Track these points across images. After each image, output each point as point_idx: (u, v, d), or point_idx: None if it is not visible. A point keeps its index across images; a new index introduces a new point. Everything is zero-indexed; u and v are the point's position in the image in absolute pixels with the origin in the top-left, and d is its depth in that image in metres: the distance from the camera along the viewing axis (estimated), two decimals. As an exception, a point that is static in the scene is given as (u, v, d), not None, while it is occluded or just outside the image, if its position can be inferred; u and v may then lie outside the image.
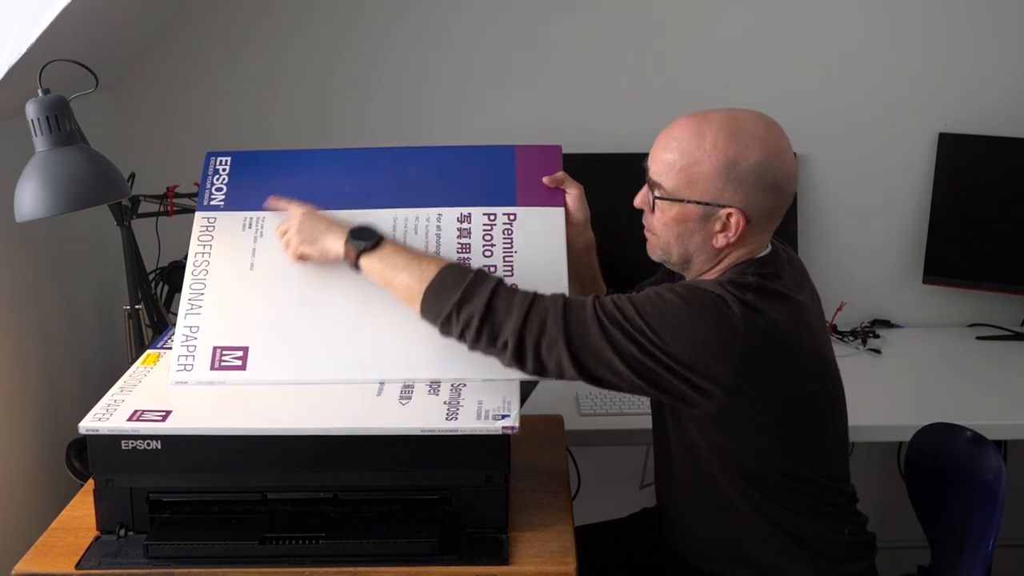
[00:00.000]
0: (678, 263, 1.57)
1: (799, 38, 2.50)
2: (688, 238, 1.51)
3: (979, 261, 2.50)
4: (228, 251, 1.63)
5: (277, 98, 2.52)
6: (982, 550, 1.57)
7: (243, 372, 1.50)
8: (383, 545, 1.41)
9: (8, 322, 1.98)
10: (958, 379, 2.29)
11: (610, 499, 2.18)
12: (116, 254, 2.16)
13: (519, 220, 1.64)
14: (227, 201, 1.69)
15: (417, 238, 1.62)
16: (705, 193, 1.47)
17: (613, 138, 2.49)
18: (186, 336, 1.54)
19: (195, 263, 1.62)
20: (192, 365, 1.52)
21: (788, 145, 1.50)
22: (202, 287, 1.59)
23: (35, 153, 1.52)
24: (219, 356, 1.52)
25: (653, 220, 1.55)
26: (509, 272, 1.58)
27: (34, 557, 1.43)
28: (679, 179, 1.48)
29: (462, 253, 1.60)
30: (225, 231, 1.65)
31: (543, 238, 1.63)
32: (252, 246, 1.63)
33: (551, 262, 1.60)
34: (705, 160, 1.46)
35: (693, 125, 1.48)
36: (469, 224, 1.63)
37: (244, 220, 1.66)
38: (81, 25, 1.86)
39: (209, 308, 1.57)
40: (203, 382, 1.51)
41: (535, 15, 2.49)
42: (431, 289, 1.46)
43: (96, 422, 1.42)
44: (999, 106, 2.51)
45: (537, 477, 1.64)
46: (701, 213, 1.48)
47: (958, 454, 1.69)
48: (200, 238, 1.65)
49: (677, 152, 1.48)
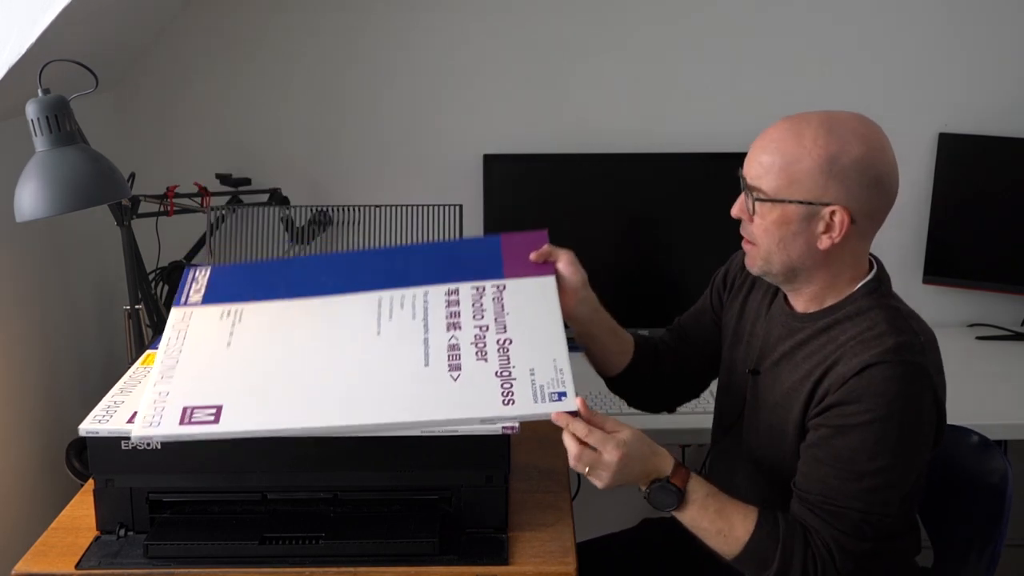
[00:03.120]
0: (781, 272, 1.50)
1: (799, 38, 2.50)
2: (790, 242, 1.45)
3: (979, 261, 2.50)
4: (205, 333, 1.56)
5: (278, 98, 2.52)
6: (987, 553, 1.56)
7: (215, 426, 1.38)
8: (383, 545, 1.41)
9: (8, 322, 1.98)
10: (958, 379, 2.27)
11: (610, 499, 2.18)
12: (116, 254, 2.16)
13: (509, 290, 1.59)
14: (204, 299, 1.63)
15: (404, 313, 1.56)
16: (807, 192, 1.42)
17: (618, 138, 2.50)
18: (155, 399, 1.42)
19: (168, 344, 1.53)
20: (160, 423, 1.39)
21: (888, 143, 1.46)
22: (174, 363, 1.50)
23: (35, 153, 1.52)
24: (190, 414, 1.40)
25: (752, 228, 1.48)
26: (503, 330, 1.51)
27: (34, 557, 1.43)
28: (779, 180, 1.43)
29: (451, 320, 1.53)
30: (201, 320, 1.59)
31: (536, 304, 1.56)
32: (230, 330, 1.56)
33: (546, 326, 1.52)
34: (805, 157, 1.41)
35: (791, 126, 1.44)
36: (457, 296, 1.58)
37: (222, 311, 1.59)
38: (81, 25, 1.86)
39: (182, 376, 1.47)
40: (171, 436, 1.38)
41: (546, 15, 2.48)
42: (743, 560, 1.44)
43: (96, 424, 1.41)
44: (999, 106, 2.50)
45: (537, 477, 1.64)
46: (804, 213, 1.43)
47: (963, 457, 1.69)
48: (175, 326, 1.57)
49: (776, 153, 1.43)
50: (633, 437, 1.40)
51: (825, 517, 1.41)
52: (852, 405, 1.39)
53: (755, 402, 1.58)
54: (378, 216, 1.86)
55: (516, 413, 1.38)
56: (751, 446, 1.59)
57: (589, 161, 2.48)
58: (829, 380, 1.43)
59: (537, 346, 1.47)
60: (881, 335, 1.42)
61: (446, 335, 1.51)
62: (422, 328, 1.53)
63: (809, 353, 1.49)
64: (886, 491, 1.40)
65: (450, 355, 1.47)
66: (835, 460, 1.40)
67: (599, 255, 2.51)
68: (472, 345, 1.49)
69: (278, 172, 2.51)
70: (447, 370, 1.45)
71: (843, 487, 1.40)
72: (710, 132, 2.45)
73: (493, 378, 1.43)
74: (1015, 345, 2.48)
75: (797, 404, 1.48)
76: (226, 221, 1.94)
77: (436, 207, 1.86)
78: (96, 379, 2.33)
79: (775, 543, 1.41)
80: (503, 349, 1.47)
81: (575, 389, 1.40)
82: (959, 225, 2.51)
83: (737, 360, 1.64)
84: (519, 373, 1.43)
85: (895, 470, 1.40)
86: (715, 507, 1.44)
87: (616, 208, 2.49)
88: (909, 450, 1.41)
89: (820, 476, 1.42)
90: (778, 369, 1.54)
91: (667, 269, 2.51)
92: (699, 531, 1.45)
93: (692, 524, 1.45)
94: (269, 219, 1.91)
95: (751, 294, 1.66)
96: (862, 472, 1.39)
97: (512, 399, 1.39)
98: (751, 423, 1.59)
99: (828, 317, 1.49)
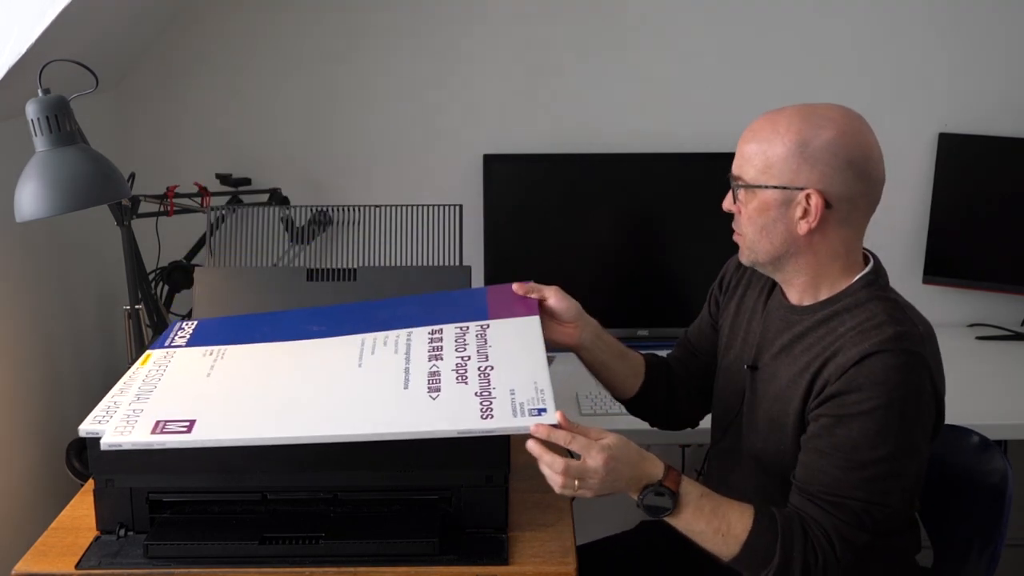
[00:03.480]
0: (768, 262, 1.52)
1: (799, 38, 2.50)
2: (772, 229, 1.47)
3: (979, 261, 2.51)
4: (186, 366, 1.56)
5: (278, 97, 2.52)
6: (987, 553, 1.56)
7: (186, 435, 1.36)
8: (383, 545, 1.41)
9: (8, 322, 1.98)
10: (958, 379, 2.28)
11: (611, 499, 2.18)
12: (116, 254, 2.16)
13: (492, 329, 1.58)
14: (188, 343, 1.64)
15: (387, 348, 1.56)
16: (781, 176, 1.44)
17: (618, 138, 2.50)
18: (129, 414, 1.42)
19: (148, 373, 1.54)
20: (131, 431, 1.37)
21: (869, 130, 1.47)
22: (152, 388, 1.50)
23: (35, 153, 1.52)
24: (163, 425, 1.38)
25: (739, 217, 1.52)
26: (484, 360, 1.49)
27: (34, 557, 1.43)
28: (756, 167, 1.46)
29: (433, 352, 1.52)
30: (184, 357, 1.60)
31: (519, 339, 1.54)
32: (212, 364, 1.56)
33: (529, 356, 1.49)
34: (778, 143, 1.44)
35: (769, 116, 1.48)
36: (441, 335, 1.58)
37: (205, 351, 1.61)
38: (81, 25, 1.86)
39: (158, 398, 1.46)
40: (141, 444, 1.36)
41: (546, 15, 2.49)
42: (744, 559, 1.43)
43: (96, 424, 1.41)
44: (999, 106, 2.51)
45: (537, 477, 1.63)
46: (781, 199, 1.45)
47: (963, 457, 1.68)
48: (156, 362, 1.58)
49: (754, 142, 1.47)
50: (619, 441, 1.39)
51: (826, 507, 1.41)
52: (853, 394, 1.39)
53: (754, 398, 1.58)
54: (378, 216, 1.85)
55: (494, 426, 1.34)
56: (751, 442, 1.58)
57: (589, 161, 2.48)
58: (829, 371, 1.43)
59: (519, 372, 1.45)
60: (880, 325, 1.42)
61: (427, 364, 1.50)
62: (404, 359, 1.52)
63: (808, 345, 1.50)
64: (887, 480, 1.40)
65: (430, 380, 1.45)
66: (836, 450, 1.40)
67: (599, 255, 2.53)
68: (453, 371, 1.47)
69: (278, 172, 2.51)
70: (426, 391, 1.43)
71: (845, 477, 1.40)
72: (710, 132, 2.45)
73: (472, 397, 1.40)
74: (1015, 345, 2.48)
75: (797, 396, 1.48)
76: (226, 221, 1.93)
77: (436, 207, 1.86)
78: (96, 379, 2.33)
79: (774, 537, 1.41)
80: (483, 374, 1.46)
81: (556, 406, 1.37)
82: (959, 225, 2.51)
83: (734, 358, 1.65)
84: (499, 393, 1.40)
85: (897, 459, 1.40)
86: (710, 507, 1.43)
87: (616, 208, 2.49)
88: (910, 439, 1.41)
89: (821, 467, 1.42)
90: (777, 363, 1.54)
91: (667, 269, 2.51)
92: (696, 535, 1.44)
93: (688, 528, 1.44)
94: (269, 219, 1.91)
95: (747, 292, 1.67)
96: (864, 461, 1.39)
97: (491, 414, 1.36)
98: (750, 419, 1.59)
99: (826, 309, 1.50)
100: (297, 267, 1.86)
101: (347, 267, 1.82)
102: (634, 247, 2.52)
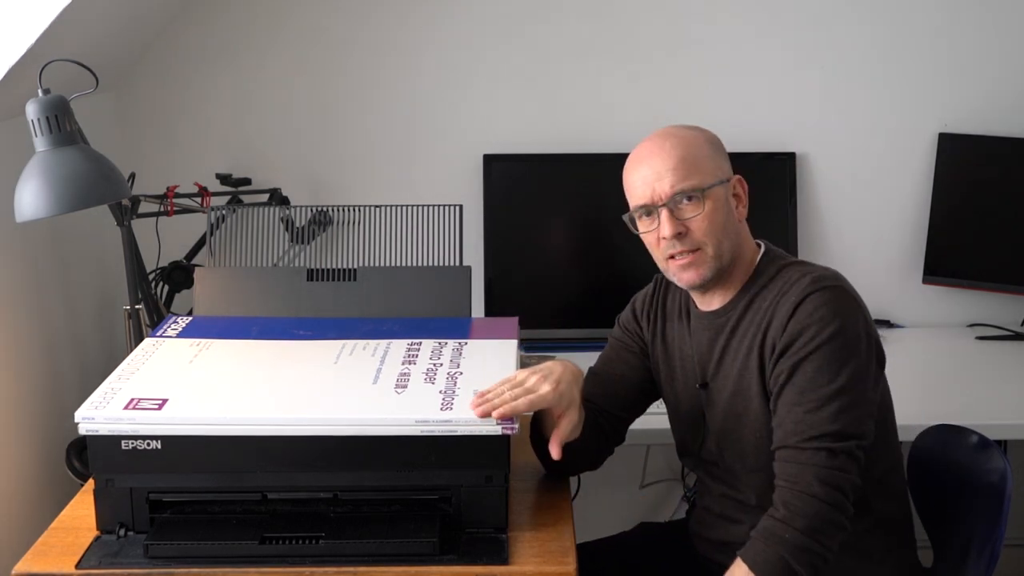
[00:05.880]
0: (729, 259, 1.55)
1: (799, 38, 2.50)
2: (728, 223, 1.54)
3: (979, 261, 2.50)
4: (171, 354, 1.64)
5: (278, 97, 2.52)
6: (987, 553, 1.56)
7: (156, 412, 1.42)
8: (383, 545, 1.40)
9: (8, 322, 1.98)
10: (958, 379, 2.29)
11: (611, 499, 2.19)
12: (116, 254, 2.16)
13: (469, 346, 1.65)
14: (179, 335, 1.72)
15: (365, 352, 1.62)
16: (716, 172, 1.54)
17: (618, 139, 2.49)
18: (107, 392, 1.48)
19: (134, 358, 1.62)
20: (105, 406, 1.44)
21: None
22: (135, 371, 1.57)
23: (35, 153, 1.52)
24: (136, 403, 1.45)
25: (693, 232, 1.52)
26: (456, 367, 1.56)
27: (34, 557, 1.43)
28: (698, 172, 1.52)
29: (408, 359, 1.59)
30: (171, 346, 1.67)
31: (494, 357, 1.61)
32: (196, 353, 1.64)
33: (499, 367, 1.56)
34: (696, 146, 1.54)
35: (657, 139, 1.56)
36: (419, 346, 1.65)
37: (192, 342, 1.68)
38: (81, 25, 1.86)
39: (139, 377, 1.54)
40: (111, 419, 1.41)
41: (546, 15, 2.49)
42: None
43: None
44: (999, 106, 2.50)
45: (537, 477, 1.64)
46: (723, 193, 1.54)
47: (962, 457, 1.68)
48: (144, 349, 1.66)
49: (674, 157, 1.52)
50: None
51: (809, 455, 1.43)
52: (798, 340, 1.47)
53: (714, 409, 1.59)
54: (378, 216, 1.86)
55: (451, 417, 1.41)
56: (729, 447, 1.59)
57: (589, 161, 2.48)
58: (772, 334, 1.51)
59: (488, 379, 1.49)
60: (798, 279, 1.52)
61: (400, 367, 1.58)
62: (379, 361, 1.59)
63: (743, 333, 1.55)
64: (853, 410, 1.45)
65: (399, 379, 1.53)
66: (800, 394, 1.46)
67: (598, 256, 2.53)
68: (423, 374, 1.55)
69: (278, 172, 2.51)
70: (394, 387, 1.50)
71: (815, 418, 1.44)
72: (710, 132, 2.45)
73: (436, 393, 1.48)
74: (1015, 345, 2.48)
75: (753, 376, 1.53)
76: (226, 221, 1.94)
77: (436, 207, 1.86)
78: (96, 379, 2.30)
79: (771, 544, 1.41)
80: (452, 378, 1.53)
81: None
82: (959, 225, 2.50)
83: (681, 385, 1.65)
84: (462, 392, 1.47)
85: (855, 386, 1.46)
86: None
87: (616, 208, 2.49)
88: (860, 363, 1.47)
89: (793, 418, 1.45)
90: (722, 367, 1.57)
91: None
92: None
93: None
94: (269, 219, 1.91)
95: (666, 324, 1.68)
96: (826, 395, 1.44)
97: (451, 406, 1.43)
98: (718, 429, 1.59)
99: (745, 296, 1.56)
100: (297, 267, 1.86)
101: (347, 267, 1.83)
102: (634, 247, 2.52)
